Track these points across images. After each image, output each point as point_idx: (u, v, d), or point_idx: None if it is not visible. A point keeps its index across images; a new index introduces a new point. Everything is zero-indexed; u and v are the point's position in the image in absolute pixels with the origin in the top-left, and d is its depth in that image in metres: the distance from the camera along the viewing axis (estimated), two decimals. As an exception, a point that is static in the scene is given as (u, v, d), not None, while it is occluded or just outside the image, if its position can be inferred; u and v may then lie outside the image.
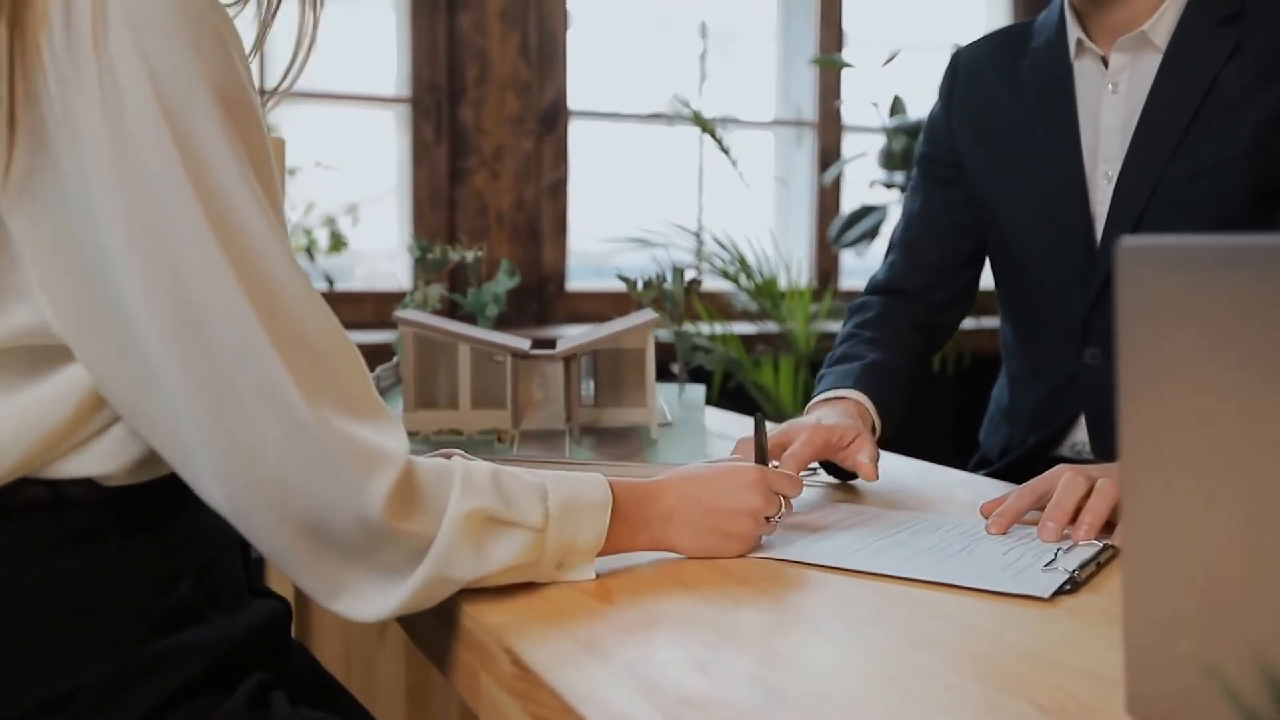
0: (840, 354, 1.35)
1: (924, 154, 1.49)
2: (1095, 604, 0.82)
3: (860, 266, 3.24)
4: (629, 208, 3.05)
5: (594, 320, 2.79)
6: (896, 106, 2.97)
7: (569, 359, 1.33)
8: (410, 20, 2.76)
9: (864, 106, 3.13)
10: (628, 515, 0.86)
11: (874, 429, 1.22)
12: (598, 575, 0.85)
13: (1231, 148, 1.20)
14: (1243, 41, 1.21)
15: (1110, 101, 1.30)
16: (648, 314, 1.36)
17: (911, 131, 2.89)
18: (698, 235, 2.52)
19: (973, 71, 1.45)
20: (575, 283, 2.92)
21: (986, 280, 1.49)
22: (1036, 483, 1.01)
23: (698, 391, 1.51)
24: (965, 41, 1.51)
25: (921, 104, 3.05)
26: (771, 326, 2.64)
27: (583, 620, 0.78)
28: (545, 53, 2.83)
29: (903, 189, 2.94)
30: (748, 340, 2.64)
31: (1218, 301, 0.51)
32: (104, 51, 0.68)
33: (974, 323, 2.93)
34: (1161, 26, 1.26)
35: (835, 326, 2.80)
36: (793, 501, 0.99)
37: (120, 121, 0.69)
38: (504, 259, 1.61)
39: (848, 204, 3.17)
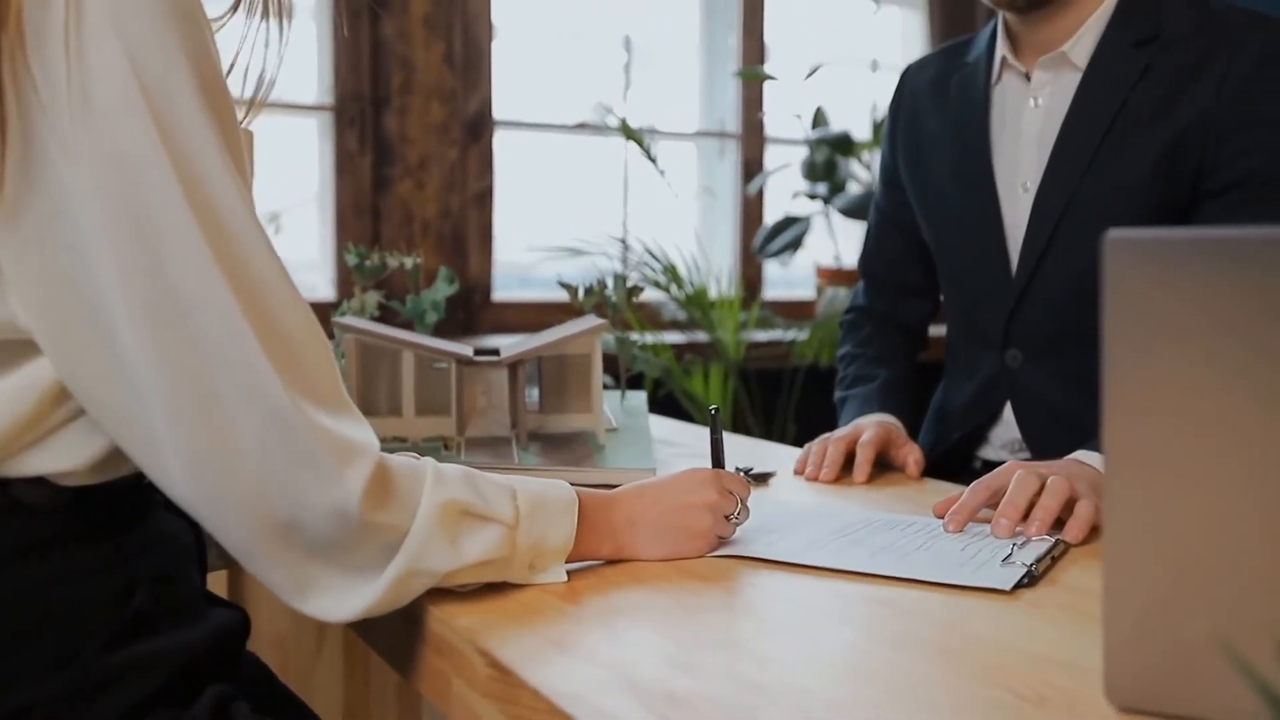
0: (853, 375, 1.50)
1: (880, 172, 1.61)
2: (1053, 596, 0.84)
3: (784, 277, 3.27)
4: (553, 218, 3.05)
5: (520, 331, 2.78)
6: (819, 118, 3.02)
7: (514, 365, 1.32)
8: (332, 27, 2.72)
9: (786, 118, 3.17)
10: (594, 521, 0.87)
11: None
12: (563, 576, 0.85)
13: (1142, 164, 1.25)
14: (1154, 62, 1.26)
15: (1031, 115, 1.35)
16: (592, 320, 1.36)
17: (833, 143, 2.93)
18: (624, 243, 2.52)
19: (914, 89, 1.52)
20: (501, 293, 2.91)
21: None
22: (989, 480, 1.03)
23: (639, 398, 1.51)
24: (881, 57, 1.60)
25: (843, 117, 3.10)
26: (699, 335, 2.66)
27: (554, 621, 0.77)
28: (470, 61, 2.82)
29: (826, 200, 2.98)
30: (676, 349, 2.65)
31: (1201, 292, 0.53)
32: (81, 36, 0.66)
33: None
34: (1081, 47, 1.31)
35: (763, 336, 2.84)
36: (749, 504, 1.00)
37: (99, 105, 0.67)
38: (442, 266, 1.59)
39: (771, 215, 3.20)
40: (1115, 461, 0.57)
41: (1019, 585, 0.85)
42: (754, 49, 3.20)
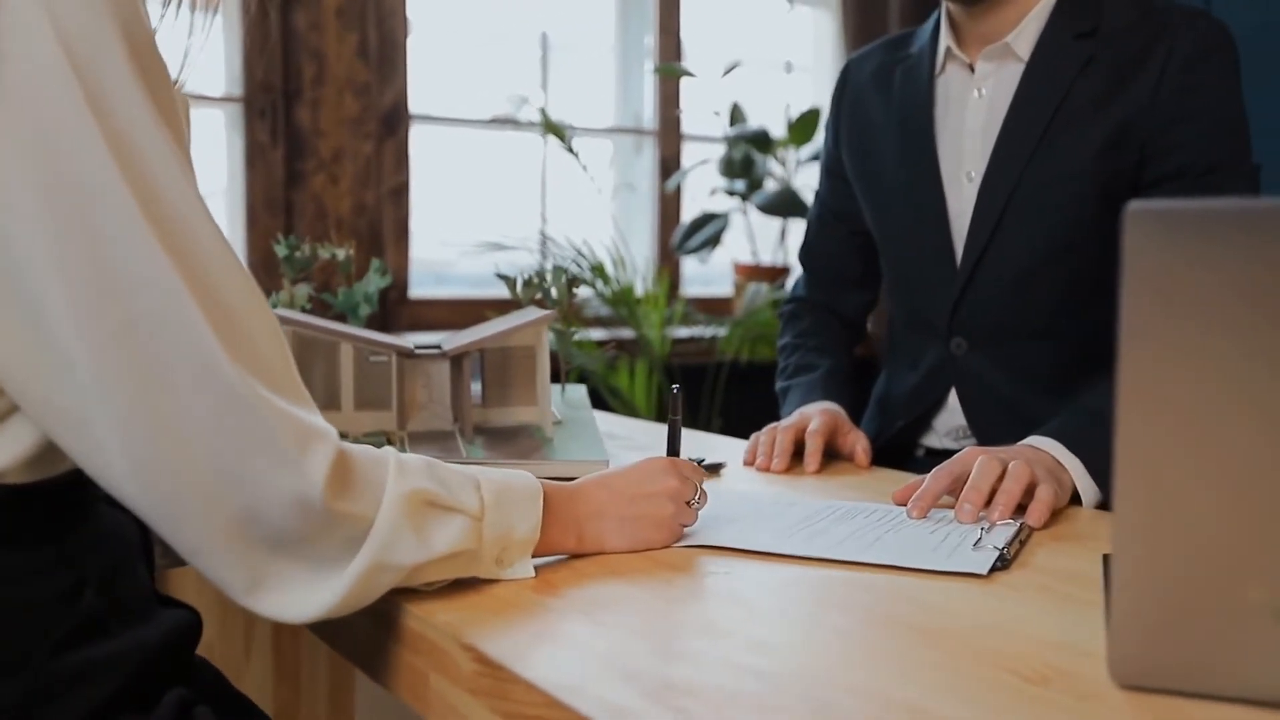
0: (795, 365, 1.50)
1: (821, 162, 1.61)
2: (1028, 579, 0.84)
3: (701, 273, 3.28)
4: (469, 215, 3.01)
5: (438, 328, 2.74)
6: (737, 116, 3.02)
7: (459, 358, 1.28)
8: (241, 16, 2.64)
9: (702, 116, 3.18)
10: (559, 512, 0.84)
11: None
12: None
13: (1084, 154, 1.27)
14: (1096, 54, 1.28)
15: (975, 105, 1.36)
16: (537, 311, 1.33)
17: (751, 140, 2.94)
18: (549, 239, 2.50)
19: (856, 81, 1.52)
20: (417, 290, 2.85)
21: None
22: (951, 465, 1.03)
23: (579, 391, 1.49)
24: (794, 58, 1.61)
25: (757, 116, 3.12)
26: (623, 332, 2.64)
27: (536, 614, 0.75)
28: (385, 54, 2.76)
29: (744, 197, 2.99)
30: (600, 345, 2.63)
31: (1218, 263, 0.53)
32: (2, 4, 0.61)
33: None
34: (1024, 38, 1.32)
35: (685, 332, 2.84)
36: (709, 495, 0.98)
37: (24, 75, 0.62)
38: (373, 259, 1.55)
39: (688, 212, 3.20)
40: (1128, 436, 0.57)
41: (994, 569, 0.85)
42: (670, 46, 3.20)
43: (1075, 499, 1.08)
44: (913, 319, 1.45)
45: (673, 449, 0.99)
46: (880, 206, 1.46)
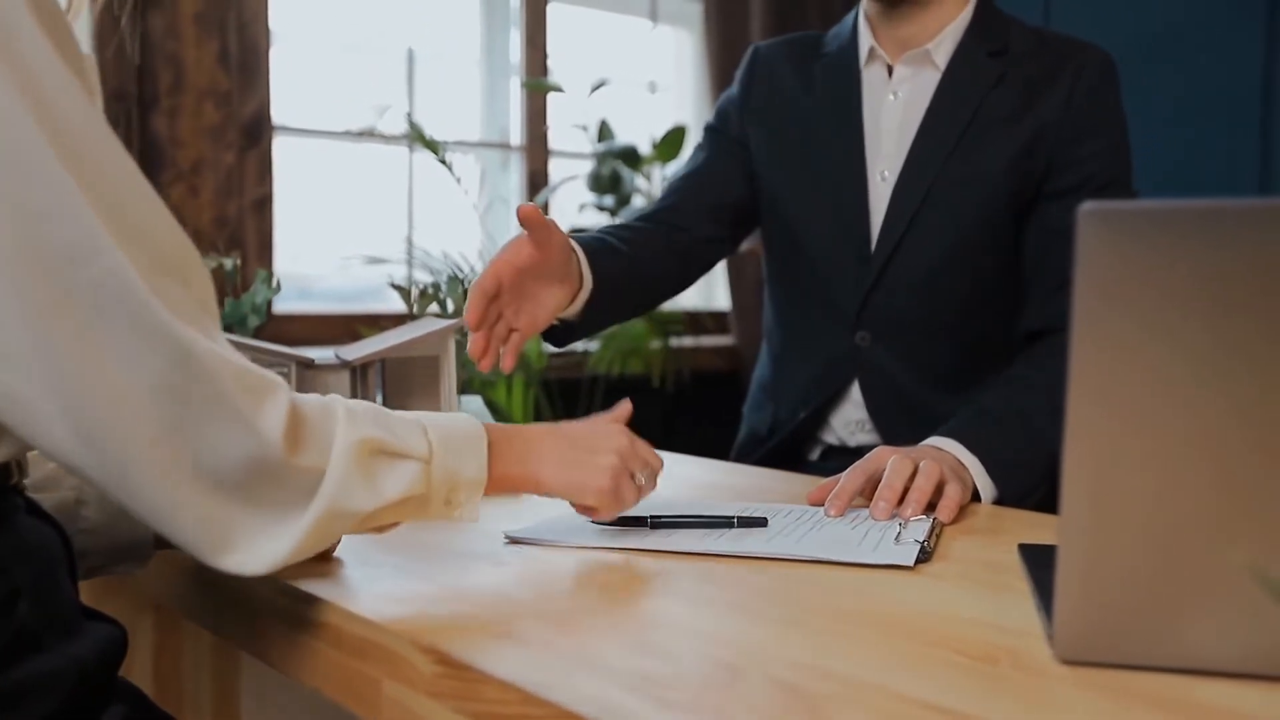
0: (587, 237, 1.30)
1: (713, 126, 1.55)
2: (951, 569, 0.88)
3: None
4: (335, 228, 2.95)
5: (303, 344, 2.67)
6: (605, 132, 3.05)
7: (363, 368, 1.27)
8: (90, 20, 2.54)
9: (568, 132, 3.20)
10: (502, 450, 0.85)
11: (580, 275, 1.21)
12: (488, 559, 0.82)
13: (995, 163, 1.34)
14: (1007, 72, 1.37)
15: (890, 106, 1.42)
16: (441, 321, 1.32)
17: (621, 156, 2.98)
18: (421, 251, 2.47)
19: (770, 66, 1.52)
20: (281, 305, 2.78)
21: (704, 301, 1.54)
22: (864, 464, 1.07)
23: (476, 402, 1.48)
24: (659, 79, 1.59)
25: (623, 131, 3.15)
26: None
27: (494, 617, 0.75)
28: (247, 63, 2.69)
29: (613, 212, 3.02)
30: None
31: (1167, 262, 0.57)
32: None
33: (694, 341, 3.06)
34: (942, 49, 1.39)
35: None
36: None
37: None
38: (260, 269, 1.51)
39: (556, 227, 3.21)
40: (1077, 426, 0.61)
41: (918, 560, 0.88)
42: (537, 62, 3.21)
43: (975, 496, 1.13)
44: (814, 308, 1.46)
45: None
46: (795, 192, 1.45)
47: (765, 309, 1.57)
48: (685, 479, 1.28)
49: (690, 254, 1.45)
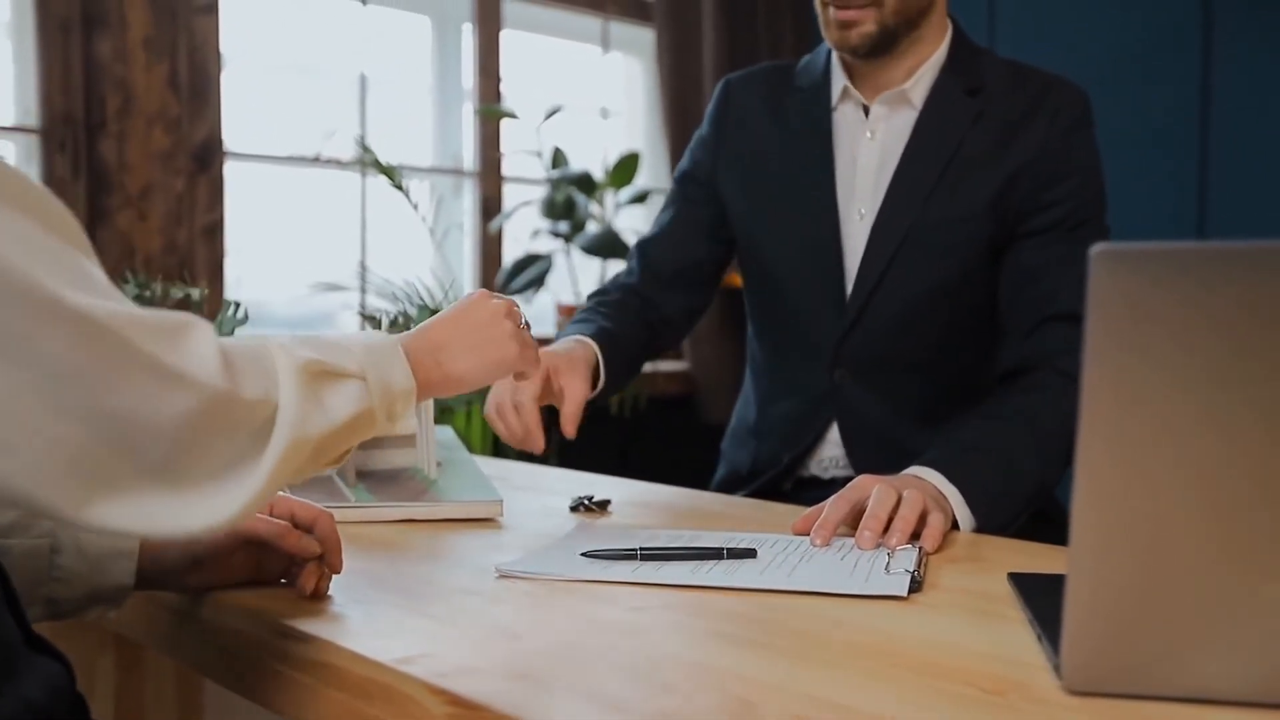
0: (579, 318, 1.45)
1: (685, 170, 1.57)
2: (944, 598, 0.89)
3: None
4: (286, 254, 2.92)
5: (254, 371, 2.63)
6: (559, 159, 3.06)
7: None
8: (37, 42, 2.49)
9: (521, 158, 3.20)
10: (418, 356, 0.86)
11: (596, 375, 1.34)
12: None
13: (974, 202, 1.36)
14: (985, 109, 1.38)
15: (866, 146, 1.42)
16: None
17: (574, 182, 2.98)
18: (363, 277, 2.45)
19: (742, 101, 1.52)
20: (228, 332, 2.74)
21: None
22: (848, 493, 1.08)
23: (447, 432, 1.47)
24: (611, 105, 1.60)
25: (576, 158, 3.16)
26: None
27: (504, 650, 0.75)
28: (197, 87, 2.66)
29: (567, 238, 3.03)
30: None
31: (1185, 303, 0.58)
32: None
33: (651, 366, 3.07)
34: (919, 89, 1.40)
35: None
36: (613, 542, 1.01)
37: None
38: (228, 300, 1.49)
39: (509, 253, 3.21)
40: (1087, 461, 0.62)
41: (911, 590, 0.89)
42: (490, 88, 3.21)
43: (953, 525, 1.15)
44: (793, 346, 1.48)
45: None
46: (770, 230, 1.46)
47: (748, 344, 1.59)
48: (666, 507, 1.28)
49: (668, 326, 1.54)
